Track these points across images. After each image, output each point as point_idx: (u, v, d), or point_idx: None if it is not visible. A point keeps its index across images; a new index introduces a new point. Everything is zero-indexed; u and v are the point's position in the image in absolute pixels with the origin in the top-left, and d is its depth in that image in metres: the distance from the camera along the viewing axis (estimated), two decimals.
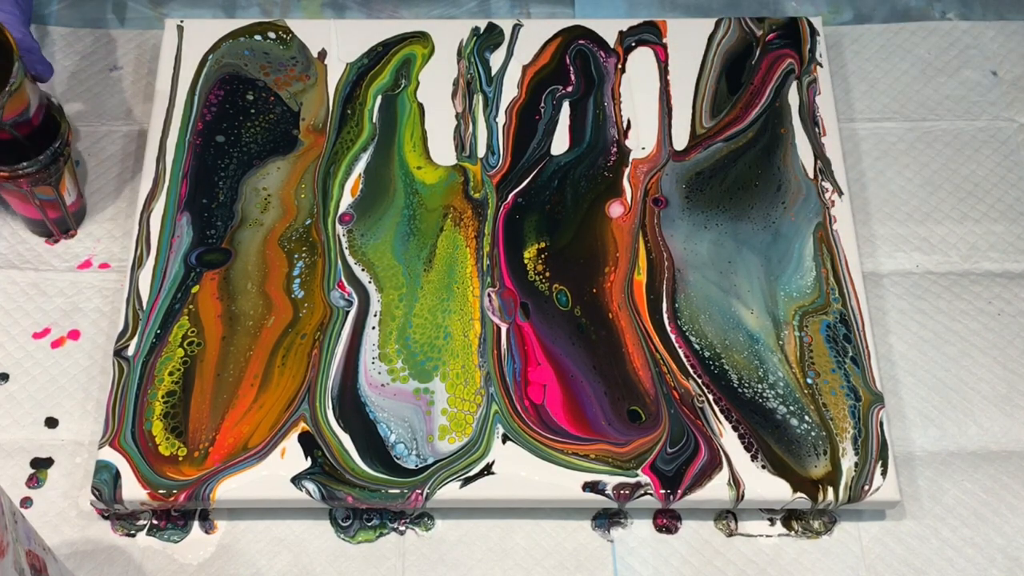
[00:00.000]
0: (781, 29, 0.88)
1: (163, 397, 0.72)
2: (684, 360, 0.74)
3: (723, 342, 0.74)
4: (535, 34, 0.88)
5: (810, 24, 0.88)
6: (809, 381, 0.73)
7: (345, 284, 0.76)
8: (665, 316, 0.75)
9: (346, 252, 0.78)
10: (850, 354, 0.74)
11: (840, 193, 0.80)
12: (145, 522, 0.71)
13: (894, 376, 0.77)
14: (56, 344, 0.77)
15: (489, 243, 0.78)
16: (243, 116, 0.83)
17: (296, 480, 0.69)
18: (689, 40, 0.88)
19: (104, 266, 0.81)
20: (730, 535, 0.71)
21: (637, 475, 0.69)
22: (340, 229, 0.79)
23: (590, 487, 0.69)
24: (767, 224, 0.79)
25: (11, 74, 0.69)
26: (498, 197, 0.80)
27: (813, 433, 0.71)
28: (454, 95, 0.85)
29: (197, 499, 0.68)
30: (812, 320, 0.75)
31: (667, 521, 0.72)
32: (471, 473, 0.69)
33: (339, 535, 0.71)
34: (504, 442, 0.70)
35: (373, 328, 0.74)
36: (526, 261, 0.77)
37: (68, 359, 0.77)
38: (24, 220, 0.80)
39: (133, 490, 0.68)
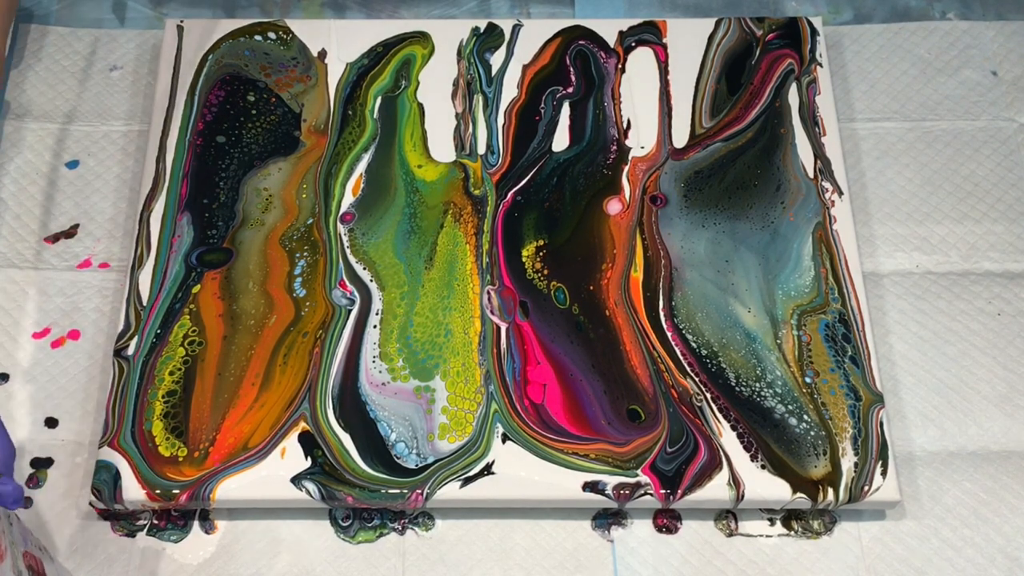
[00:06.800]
0: (781, 29, 0.88)
1: (163, 397, 0.72)
2: (681, 358, 0.73)
3: (720, 340, 0.74)
4: (535, 34, 0.88)
5: (810, 24, 0.88)
6: (808, 380, 0.73)
7: (347, 283, 0.76)
8: (662, 313, 0.75)
9: (347, 251, 0.78)
10: (849, 353, 0.74)
11: (840, 193, 0.80)
12: (145, 522, 0.71)
13: (894, 376, 0.77)
14: (56, 344, 0.77)
15: (488, 240, 0.78)
16: (244, 117, 0.83)
17: (296, 480, 0.69)
18: (689, 40, 0.88)
19: (104, 266, 0.81)
20: (730, 535, 0.71)
21: (637, 475, 0.69)
22: (341, 228, 0.79)
23: (590, 487, 0.69)
24: (766, 224, 0.79)
25: None
26: (497, 195, 0.80)
27: (812, 433, 0.71)
28: (454, 95, 0.85)
29: (197, 499, 0.68)
30: (810, 319, 0.75)
31: (667, 521, 0.72)
32: (471, 473, 0.69)
33: (339, 535, 0.71)
34: (504, 442, 0.70)
35: (374, 327, 0.74)
36: (524, 259, 0.77)
37: (68, 359, 0.77)
38: None
39: (133, 490, 0.68)
